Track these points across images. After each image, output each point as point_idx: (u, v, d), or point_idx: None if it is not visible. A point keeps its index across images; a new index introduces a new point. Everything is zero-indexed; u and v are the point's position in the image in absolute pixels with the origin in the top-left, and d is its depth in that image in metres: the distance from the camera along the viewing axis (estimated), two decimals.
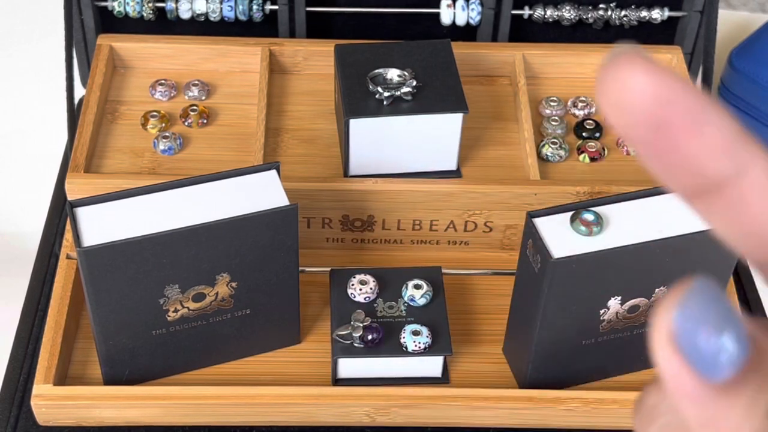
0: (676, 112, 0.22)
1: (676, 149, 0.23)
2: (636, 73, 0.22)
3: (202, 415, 0.68)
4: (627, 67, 0.22)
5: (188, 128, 0.81)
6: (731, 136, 0.23)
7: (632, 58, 0.22)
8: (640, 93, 0.22)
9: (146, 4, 0.88)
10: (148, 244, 0.61)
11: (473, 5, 0.88)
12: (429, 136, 0.75)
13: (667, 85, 0.22)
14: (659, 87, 0.22)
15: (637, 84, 0.22)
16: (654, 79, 0.22)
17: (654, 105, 0.22)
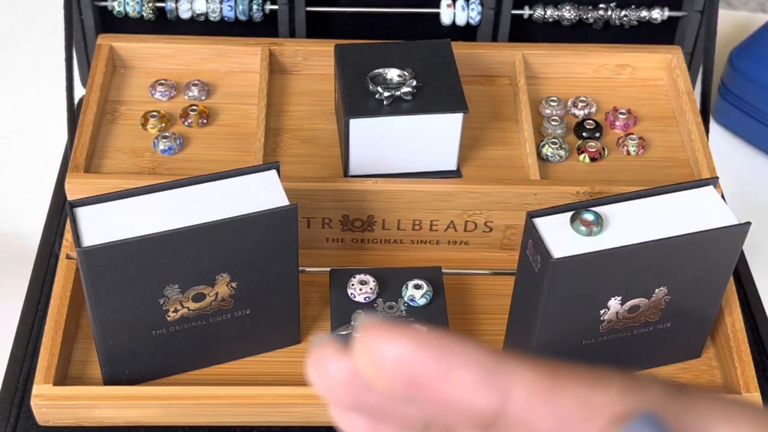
0: (421, 366, 0.24)
1: (435, 399, 0.24)
2: (379, 340, 0.24)
3: (202, 415, 0.68)
4: (371, 337, 0.24)
5: (188, 128, 0.81)
6: (482, 368, 0.24)
7: (373, 328, 0.24)
8: (388, 358, 0.24)
9: (146, 4, 0.88)
10: (148, 244, 0.61)
11: (473, 5, 0.88)
12: (429, 136, 0.75)
13: (408, 344, 0.24)
14: (402, 348, 0.24)
15: (384, 350, 0.24)
16: (396, 341, 0.24)
17: (402, 366, 0.24)
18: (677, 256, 0.64)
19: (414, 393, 0.24)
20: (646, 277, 0.65)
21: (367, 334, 0.24)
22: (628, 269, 0.64)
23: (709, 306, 0.70)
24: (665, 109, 0.86)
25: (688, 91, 0.84)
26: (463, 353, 0.24)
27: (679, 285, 0.66)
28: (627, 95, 0.87)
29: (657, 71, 0.88)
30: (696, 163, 0.79)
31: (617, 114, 0.84)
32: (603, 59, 0.87)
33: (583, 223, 0.63)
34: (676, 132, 0.84)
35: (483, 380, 0.24)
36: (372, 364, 0.24)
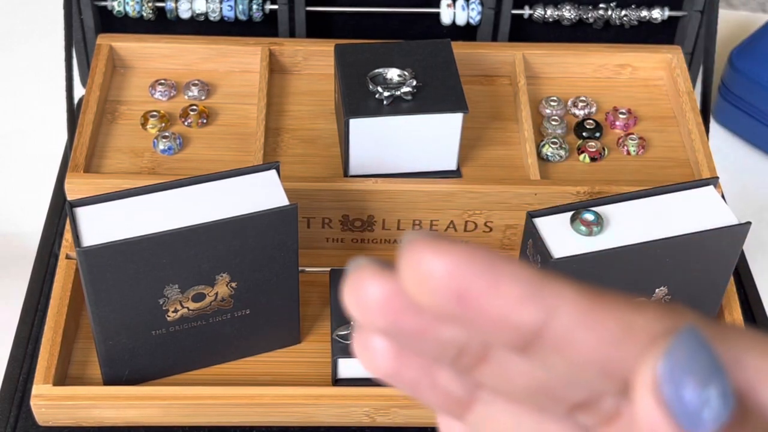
0: (469, 280, 0.24)
1: (481, 314, 0.24)
2: (427, 255, 0.24)
3: (202, 415, 0.68)
4: (418, 253, 0.24)
5: (188, 128, 0.81)
6: (529, 283, 0.24)
7: (420, 244, 0.24)
8: (436, 273, 0.24)
9: (146, 4, 0.88)
10: (148, 244, 0.61)
11: (473, 5, 0.88)
12: (429, 136, 0.75)
13: (457, 259, 0.24)
14: (450, 263, 0.24)
15: (432, 265, 0.24)
16: (445, 256, 0.24)
17: (450, 280, 0.24)
18: (677, 256, 0.64)
19: (461, 308, 0.24)
20: (646, 277, 0.65)
21: (414, 249, 0.24)
22: (628, 269, 0.64)
23: (709, 306, 0.70)
24: (665, 109, 0.86)
25: (688, 91, 0.84)
26: (510, 269, 0.24)
27: (679, 285, 0.66)
28: (627, 95, 0.87)
29: (657, 71, 0.88)
30: (696, 163, 0.79)
31: (617, 114, 0.84)
32: (603, 59, 0.87)
33: (583, 223, 0.63)
34: (676, 132, 0.84)
35: (530, 295, 0.24)
36: (419, 279, 0.24)
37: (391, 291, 0.25)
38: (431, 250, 0.24)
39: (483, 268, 0.24)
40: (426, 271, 0.24)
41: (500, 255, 0.24)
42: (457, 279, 0.24)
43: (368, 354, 0.27)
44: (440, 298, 0.24)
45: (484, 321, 0.24)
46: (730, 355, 0.24)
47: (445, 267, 0.24)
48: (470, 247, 0.24)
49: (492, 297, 0.24)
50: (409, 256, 0.24)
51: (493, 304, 0.24)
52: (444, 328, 0.25)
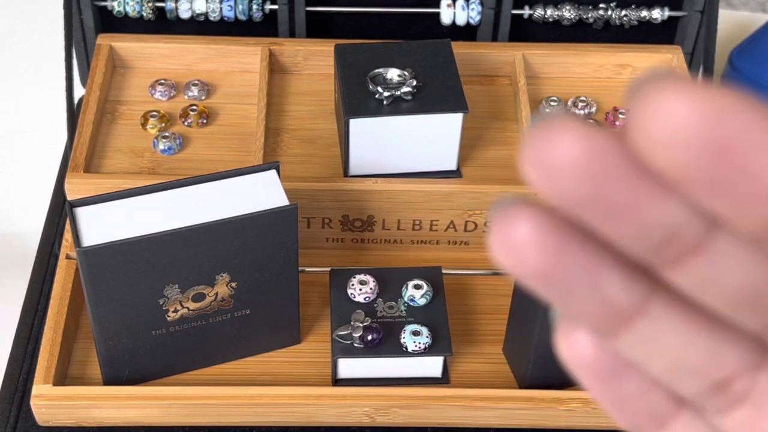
0: (733, 128, 0.18)
1: (747, 175, 0.18)
2: (677, 99, 0.18)
3: (202, 415, 0.68)
4: (661, 96, 0.18)
5: (188, 128, 0.81)
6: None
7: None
8: (690, 121, 0.18)
9: (146, 4, 0.88)
10: (148, 244, 0.61)
11: (473, 5, 0.88)
12: (429, 136, 0.75)
13: (714, 103, 0.19)
14: (708, 107, 0.19)
15: (684, 111, 0.18)
16: (696, 100, 0.18)
17: (708, 132, 0.18)
18: None
19: (718, 168, 0.18)
20: None
21: (656, 91, 0.18)
22: None
23: None
24: None
25: None
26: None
27: None
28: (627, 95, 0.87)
29: None
30: None
31: (617, 114, 0.84)
32: (603, 59, 0.87)
33: None
34: None
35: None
36: (668, 126, 0.18)
37: (596, 147, 0.19)
38: (679, 92, 0.18)
39: (755, 115, 0.19)
40: (678, 118, 0.18)
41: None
42: (721, 127, 0.18)
43: (517, 235, 0.20)
44: (693, 152, 0.18)
45: (745, 187, 0.18)
46: None
47: (704, 111, 0.18)
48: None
49: (762, 153, 0.18)
50: (648, 99, 0.18)
51: (761, 163, 0.18)
52: (660, 203, 0.19)
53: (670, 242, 0.20)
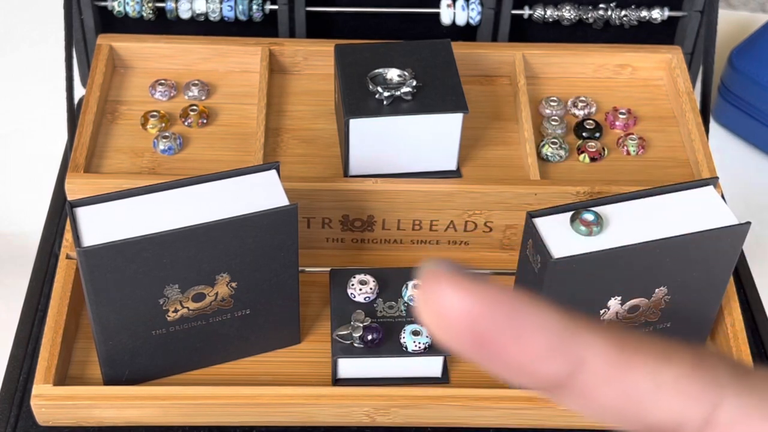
0: (489, 325, 0.22)
1: (502, 359, 0.23)
2: (445, 291, 0.22)
3: (202, 415, 0.68)
4: (437, 287, 0.22)
5: (188, 128, 0.81)
6: (554, 335, 0.23)
7: (440, 277, 0.23)
8: (452, 311, 0.22)
9: (146, 4, 0.88)
10: (148, 244, 0.61)
11: (473, 5, 0.88)
12: (429, 136, 0.75)
13: (477, 300, 0.22)
14: (469, 303, 0.22)
15: (448, 303, 0.22)
16: (463, 296, 0.22)
17: (468, 322, 0.22)
18: (677, 256, 0.64)
19: (480, 351, 0.23)
20: (646, 277, 0.65)
21: (433, 281, 0.22)
22: (628, 269, 0.64)
23: (709, 306, 0.70)
24: (665, 109, 0.86)
25: (688, 91, 0.84)
26: (535, 316, 0.23)
27: (679, 285, 0.66)
28: (627, 95, 0.87)
29: (657, 71, 0.88)
30: (696, 163, 0.79)
31: (617, 114, 0.84)
32: (603, 59, 0.87)
33: (583, 223, 0.63)
34: (676, 132, 0.84)
35: (555, 347, 0.23)
36: (437, 314, 0.23)
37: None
38: (451, 285, 0.22)
39: (506, 312, 0.22)
40: (444, 307, 0.22)
41: (527, 297, 0.23)
42: (478, 322, 0.22)
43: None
44: (458, 338, 0.23)
45: (505, 367, 0.23)
46: (764, 406, 0.24)
47: (465, 306, 0.22)
48: (493, 286, 0.23)
49: (513, 345, 0.23)
50: (427, 288, 0.23)
51: (514, 352, 0.23)
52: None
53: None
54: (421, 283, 0.23)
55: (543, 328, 0.23)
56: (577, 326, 0.24)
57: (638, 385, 0.24)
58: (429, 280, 0.23)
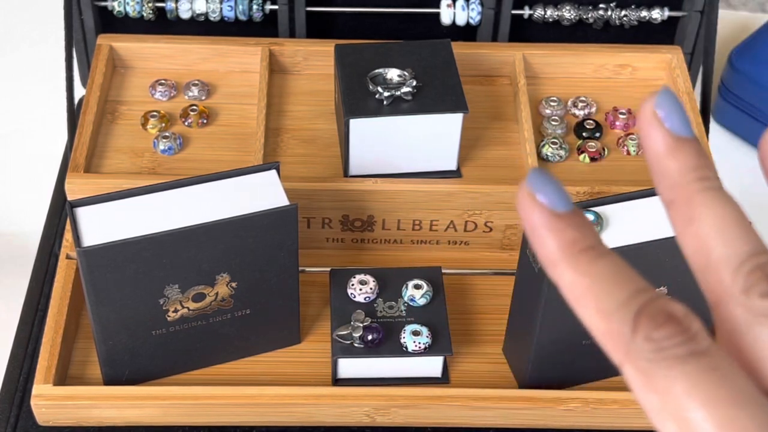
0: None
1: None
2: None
3: (202, 415, 0.68)
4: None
5: (188, 128, 0.82)
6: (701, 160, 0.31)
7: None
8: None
9: (146, 4, 0.88)
10: (148, 244, 0.61)
11: (473, 5, 0.88)
12: (429, 136, 0.75)
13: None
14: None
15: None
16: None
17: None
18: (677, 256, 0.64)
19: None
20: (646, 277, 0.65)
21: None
22: None
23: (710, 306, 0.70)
24: None
25: (688, 91, 0.84)
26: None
27: (679, 285, 0.66)
28: (627, 95, 0.87)
29: (657, 71, 0.88)
30: None
31: (617, 114, 0.84)
32: (603, 59, 0.87)
33: None
34: None
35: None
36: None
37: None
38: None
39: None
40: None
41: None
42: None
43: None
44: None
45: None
46: None
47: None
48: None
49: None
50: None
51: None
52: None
53: None
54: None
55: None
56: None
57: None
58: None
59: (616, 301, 0.30)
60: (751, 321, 0.28)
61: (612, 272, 0.31)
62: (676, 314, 0.28)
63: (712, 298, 0.30)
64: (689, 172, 0.31)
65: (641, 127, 0.32)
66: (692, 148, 0.31)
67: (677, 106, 0.31)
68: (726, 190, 0.31)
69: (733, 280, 0.29)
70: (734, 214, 0.30)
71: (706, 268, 0.30)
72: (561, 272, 0.31)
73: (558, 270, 0.31)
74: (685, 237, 0.31)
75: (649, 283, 0.30)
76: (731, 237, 0.29)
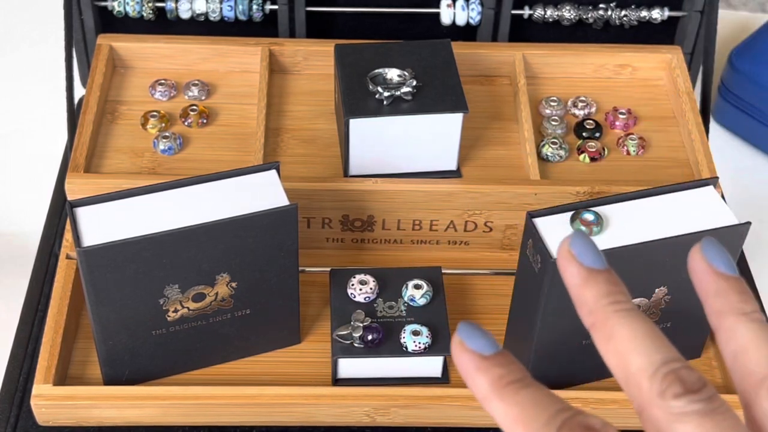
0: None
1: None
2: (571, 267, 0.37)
3: (202, 415, 0.68)
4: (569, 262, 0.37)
5: (188, 128, 0.82)
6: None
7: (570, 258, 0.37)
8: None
9: (146, 4, 0.88)
10: (148, 244, 0.61)
11: (473, 5, 0.88)
12: (429, 136, 0.75)
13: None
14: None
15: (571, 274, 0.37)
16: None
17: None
18: (677, 256, 0.64)
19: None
20: (646, 277, 0.65)
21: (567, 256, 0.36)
22: (628, 269, 0.64)
23: None
24: (665, 109, 0.86)
25: (688, 91, 0.84)
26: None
27: (679, 285, 0.66)
28: (627, 95, 0.87)
29: (657, 71, 0.88)
30: (696, 163, 0.79)
31: (617, 114, 0.84)
32: (603, 59, 0.87)
33: (583, 223, 0.63)
34: (676, 132, 0.84)
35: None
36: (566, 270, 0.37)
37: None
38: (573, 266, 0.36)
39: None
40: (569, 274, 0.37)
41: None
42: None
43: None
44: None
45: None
46: None
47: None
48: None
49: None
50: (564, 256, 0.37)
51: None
52: None
53: None
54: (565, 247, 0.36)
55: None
56: None
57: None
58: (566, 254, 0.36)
59: (541, 422, 0.32)
60: (670, 419, 0.31)
61: (535, 398, 0.33)
62: (595, 426, 0.32)
63: (636, 405, 0.33)
64: (602, 298, 0.35)
65: (559, 265, 0.37)
66: (604, 278, 0.35)
67: (588, 243, 0.36)
68: (637, 310, 0.35)
69: (650, 386, 0.32)
70: (646, 329, 0.34)
71: (627, 379, 0.33)
72: (494, 406, 0.34)
73: (492, 404, 0.34)
74: (608, 354, 0.34)
75: (567, 405, 0.33)
76: (645, 348, 0.33)
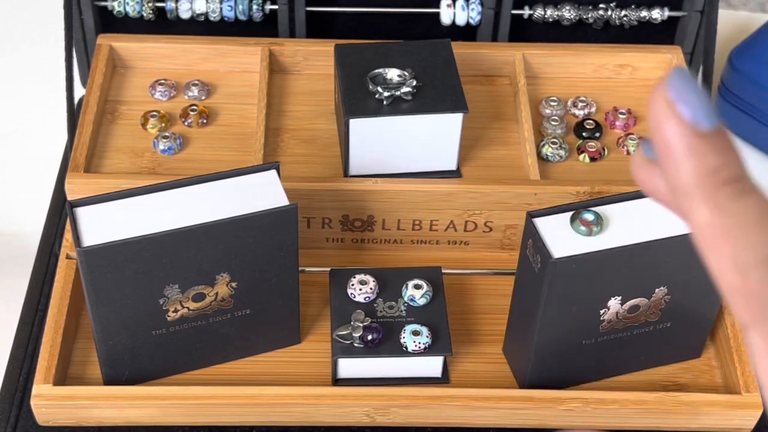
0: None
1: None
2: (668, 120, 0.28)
3: (202, 415, 0.68)
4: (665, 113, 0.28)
5: (188, 128, 0.82)
6: None
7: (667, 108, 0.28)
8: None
9: (146, 4, 0.88)
10: (148, 244, 0.61)
11: (473, 5, 0.88)
12: (429, 136, 0.75)
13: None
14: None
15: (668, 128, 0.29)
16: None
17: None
18: (677, 256, 0.64)
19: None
20: (646, 277, 0.65)
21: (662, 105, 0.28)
22: (628, 269, 0.64)
23: (709, 306, 0.70)
24: None
25: None
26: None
27: (679, 285, 0.66)
28: (627, 95, 0.87)
29: (657, 71, 0.88)
30: None
31: (617, 114, 0.84)
32: (603, 59, 0.87)
33: (583, 223, 0.63)
34: None
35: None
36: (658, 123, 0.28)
37: None
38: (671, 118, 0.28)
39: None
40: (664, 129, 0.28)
41: None
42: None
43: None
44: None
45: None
46: None
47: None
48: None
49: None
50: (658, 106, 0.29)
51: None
52: None
53: None
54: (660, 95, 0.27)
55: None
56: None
57: None
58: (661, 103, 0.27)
59: (760, 255, 0.24)
60: None
61: (758, 215, 0.25)
62: None
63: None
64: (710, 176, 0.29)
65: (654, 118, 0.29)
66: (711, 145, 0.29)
67: (693, 85, 0.28)
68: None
69: None
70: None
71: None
72: (696, 207, 0.25)
73: (693, 204, 0.25)
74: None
75: None
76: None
